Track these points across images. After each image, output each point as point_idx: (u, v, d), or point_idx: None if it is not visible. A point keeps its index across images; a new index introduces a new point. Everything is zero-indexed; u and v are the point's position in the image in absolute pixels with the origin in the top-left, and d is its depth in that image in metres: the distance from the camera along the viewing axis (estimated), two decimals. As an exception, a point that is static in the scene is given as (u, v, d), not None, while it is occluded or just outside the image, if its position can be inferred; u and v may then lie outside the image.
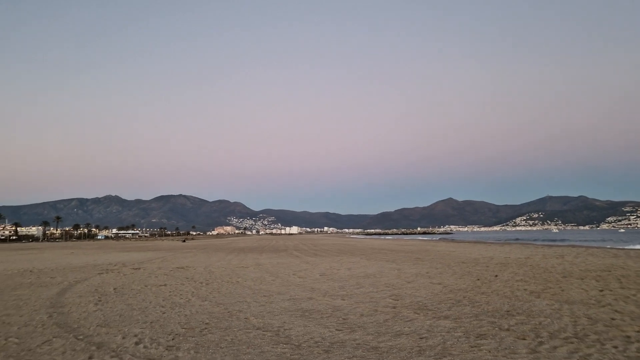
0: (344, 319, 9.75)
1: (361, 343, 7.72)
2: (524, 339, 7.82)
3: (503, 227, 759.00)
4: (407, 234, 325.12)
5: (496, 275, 17.45)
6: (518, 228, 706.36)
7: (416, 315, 10.01)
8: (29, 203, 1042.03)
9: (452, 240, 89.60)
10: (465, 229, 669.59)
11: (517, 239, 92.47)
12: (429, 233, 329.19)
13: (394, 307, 10.97)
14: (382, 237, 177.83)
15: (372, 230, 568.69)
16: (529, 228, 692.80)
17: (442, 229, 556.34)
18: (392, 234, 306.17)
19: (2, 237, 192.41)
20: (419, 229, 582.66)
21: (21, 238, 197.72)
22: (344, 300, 12.27)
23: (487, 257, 28.35)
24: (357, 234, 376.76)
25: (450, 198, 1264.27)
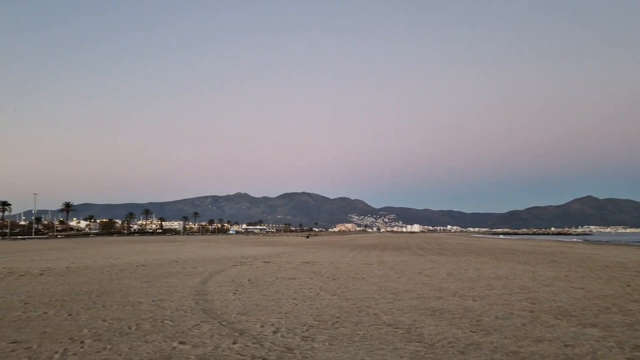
0: (477, 320, 9.37)
1: (499, 346, 7.35)
2: (694, 355, 6.86)
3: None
4: (538, 234, 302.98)
5: (651, 282, 15.58)
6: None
7: (557, 321, 9.29)
8: (171, 200, 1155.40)
9: (591, 242, 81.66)
10: (608, 229, 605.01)
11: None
12: (564, 234, 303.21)
13: (532, 311, 10.30)
14: (511, 237, 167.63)
15: (499, 230, 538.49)
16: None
17: (579, 230, 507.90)
18: (521, 234, 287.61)
19: (150, 230, 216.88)
20: (552, 229, 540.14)
21: (165, 231, 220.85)
22: (475, 301, 11.80)
23: (637, 262, 25.42)
24: (483, 233, 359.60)
25: (589, 196, 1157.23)
